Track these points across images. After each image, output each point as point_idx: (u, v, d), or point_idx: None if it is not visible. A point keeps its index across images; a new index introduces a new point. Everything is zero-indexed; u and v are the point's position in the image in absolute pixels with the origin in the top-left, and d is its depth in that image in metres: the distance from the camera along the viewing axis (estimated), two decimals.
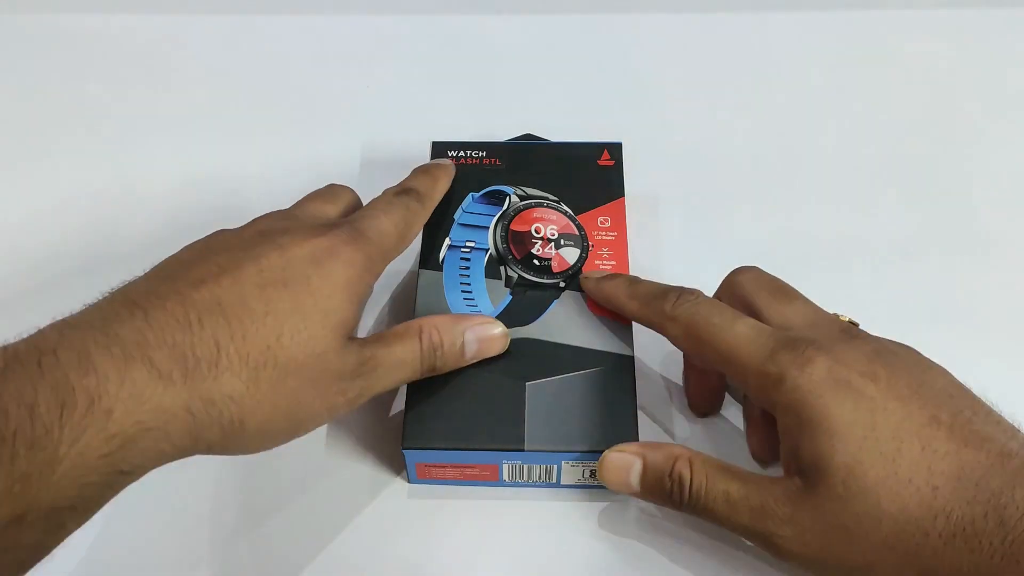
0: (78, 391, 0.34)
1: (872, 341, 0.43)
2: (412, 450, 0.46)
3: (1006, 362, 0.52)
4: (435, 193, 0.53)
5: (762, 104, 0.68)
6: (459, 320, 0.47)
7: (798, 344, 0.42)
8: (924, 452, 0.38)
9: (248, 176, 0.63)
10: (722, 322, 0.44)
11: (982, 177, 0.63)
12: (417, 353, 0.45)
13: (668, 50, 0.71)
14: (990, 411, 0.41)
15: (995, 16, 0.72)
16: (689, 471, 0.43)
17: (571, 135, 0.59)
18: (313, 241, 0.43)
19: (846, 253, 0.59)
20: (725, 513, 0.42)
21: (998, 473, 0.38)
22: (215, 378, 0.38)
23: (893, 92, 0.68)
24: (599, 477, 0.45)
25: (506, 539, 0.48)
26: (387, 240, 0.47)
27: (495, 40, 0.72)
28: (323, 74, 0.70)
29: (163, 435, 0.36)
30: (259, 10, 0.73)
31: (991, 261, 0.59)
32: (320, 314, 0.41)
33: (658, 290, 0.48)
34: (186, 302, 0.39)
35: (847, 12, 0.72)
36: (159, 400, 0.36)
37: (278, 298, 0.40)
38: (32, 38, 0.71)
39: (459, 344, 0.47)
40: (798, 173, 0.63)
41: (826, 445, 0.39)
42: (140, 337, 0.37)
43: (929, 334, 0.48)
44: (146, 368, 0.36)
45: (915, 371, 0.41)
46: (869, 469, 0.39)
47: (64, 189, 0.63)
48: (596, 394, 0.47)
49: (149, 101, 0.68)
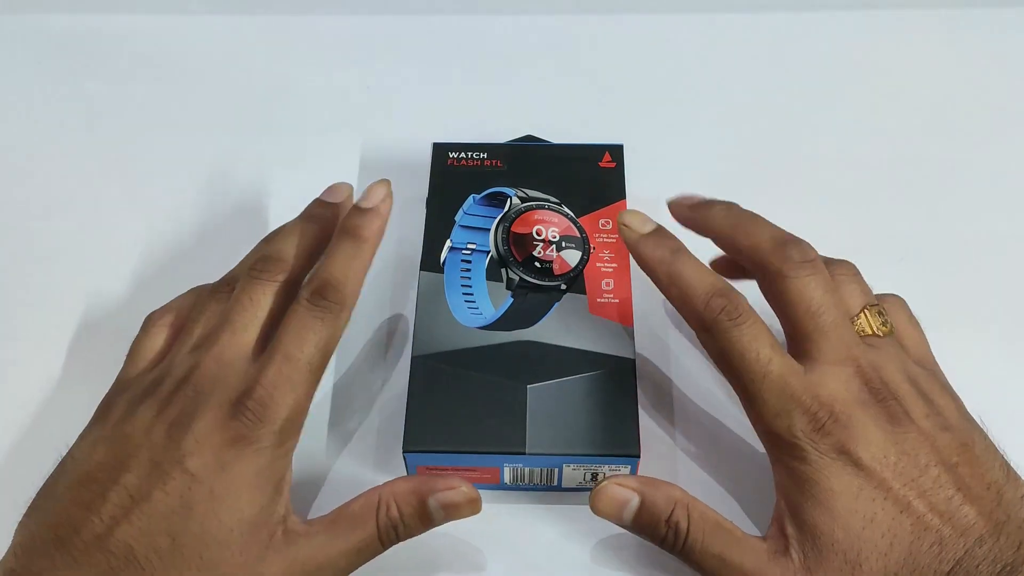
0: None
1: (892, 405, 0.42)
2: (413, 453, 0.46)
3: (1006, 362, 0.52)
4: (355, 277, 0.45)
5: (763, 105, 0.67)
6: (421, 488, 0.42)
7: (819, 414, 0.41)
8: (912, 547, 0.39)
9: (247, 176, 0.62)
10: (755, 364, 0.42)
11: (982, 177, 0.62)
12: (373, 536, 0.42)
13: (669, 51, 0.70)
14: (984, 475, 0.41)
15: (995, 16, 0.71)
16: (687, 522, 0.42)
17: (572, 137, 0.59)
18: (215, 444, 0.40)
19: (847, 253, 0.58)
20: (716, 572, 0.42)
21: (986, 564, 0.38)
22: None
23: (893, 92, 0.67)
24: (591, 504, 0.43)
25: (507, 541, 0.47)
26: (300, 396, 0.42)
27: (496, 40, 0.71)
28: (323, 74, 0.69)
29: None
30: (259, 10, 0.72)
31: (991, 261, 0.58)
32: (225, 532, 0.39)
33: (702, 289, 0.44)
34: (106, 551, 0.38)
35: (847, 12, 0.72)
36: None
37: (182, 529, 0.39)
38: (32, 38, 0.71)
39: (423, 514, 0.43)
40: (799, 174, 0.62)
41: (827, 527, 0.40)
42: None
43: (928, 334, 0.48)
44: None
45: (925, 451, 0.41)
46: (864, 562, 0.39)
47: (64, 189, 0.62)
48: (597, 397, 0.47)
49: (149, 101, 0.67)
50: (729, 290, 0.44)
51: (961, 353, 0.46)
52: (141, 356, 0.47)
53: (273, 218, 0.60)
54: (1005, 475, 0.41)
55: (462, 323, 0.50)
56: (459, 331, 0.49)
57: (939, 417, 0.42)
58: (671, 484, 0.43)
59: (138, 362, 0.47)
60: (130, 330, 0.53)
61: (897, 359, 0.44)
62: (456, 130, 0.59)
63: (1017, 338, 0.54)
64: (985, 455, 0.42)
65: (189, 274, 0.56)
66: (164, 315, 0.48)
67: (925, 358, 0.46)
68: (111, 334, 0.54)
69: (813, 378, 0.42)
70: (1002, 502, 0.40)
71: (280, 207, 0.60)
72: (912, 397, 0.42)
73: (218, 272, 0.56)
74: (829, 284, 0.44)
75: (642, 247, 0.46)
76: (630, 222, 0.47)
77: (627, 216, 0.47)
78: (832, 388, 0.42)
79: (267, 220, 0.60)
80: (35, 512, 0.41)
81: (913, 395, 0.43)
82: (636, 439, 0.46)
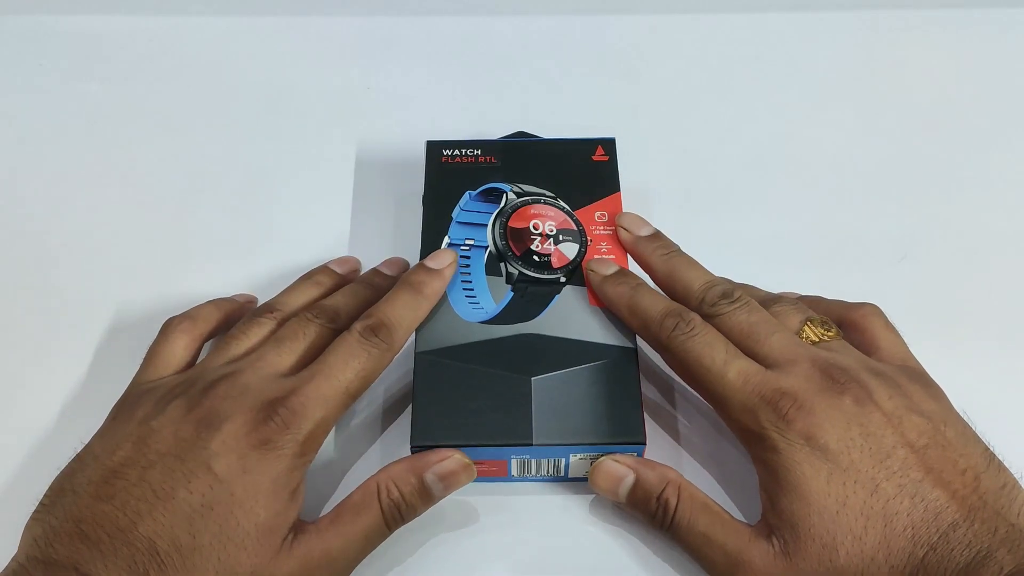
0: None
1: (853, 387, 0.42)
2: (421, 448, 0.45)
3: (1007, 362, 0.52)
4: (408, 325, 0.47)
5: (757, 101, 0.67)
6: (416, 465, 0.44)
7: (781, 403, 0.42)
8: (886, 529, 0.39)
9: (247, 176, 0.62)
10: (712, 366, 0.44)
11: (982, 177, 0.62)
12: (378, 520, 0.43)
13: (661, 50, 0.70)
14: (957, 460, 0.41)
15: (995, 16, 0.71)
16: (676, 499, 0.43)
17: (564, 133, 0.58)
18: (241, 447, 0.41)
19: (847, 253, 0.58)
20: (700, 549, 0.43)
21: (960, 547, 0.38)
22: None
23: (892, 92, 0.67)
24: (590, 479, 0.45)
25: (514, 532, 0.47)
26: (329, 414, 0.43)
27: (488, 40, 0.70)
28: (319, 75, 0.68)
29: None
30: (258, 10, 0.71)
31: (991, 261, 0.58)
32: (242, 534, 0.40)
33: (656, 313, 0.46)
34: (130, 544, 0.38)
35: (847, 12, 0.71)
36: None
37: (203, 528, 0.39)
38: (32, 38, 0.70)
39: (422, 490, 0.44)
40: (793, 169, 0.62)
41: (802, 512, 0.40)
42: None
43: (928, 335, 0.48)
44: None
45: (890, 432, 0.41)
46: (840, 546, 0.39)
47: (64, 190, 0.61)
48: (601, 387, 0.47)
49: (149, 101, 0.66)
50: (681, 310, 0.46)
51: (961, 352, 0.46)
52: (161, 360, 0.47)
53: (273, 218, 0.60)
54: (986, 463, 0.41)
55: (464, 318, 0.49)
56: (461, 326, 0.49)
57: (906, 399, 0.42)
58: (667, 466, 0.45)
59: (157, 365, 0.47)
60: (129, 330, 0.53)
61: (853, 354, 0.45)
62: (449, 129, 0.59)
63: (1017, 337, 0.54)
64: (960, 440, 0.42)
65: (189, 274, 0.56)
66: (183, 321, 0.49)
67: (904, 359, 0.46)
68: (111, 334, 0.54)
69: (772, 374, 0.43)
70: (978, 488, 0.40)
71: (279, 206, 0.60)
72: (875, 381, 0.43)
73: (217, 271, 0.56)
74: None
75: (606, 287, 0.49)
76: (596, 268, 0.50)
77: (594, 263, 0.50)
78: (791, 380, 0.43)
79: (266, 219, 0.60)
80: (52, 507, 0.40)
81: (876, 380, 0.43)
82: (641, 426, 0.45)
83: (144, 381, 0.46)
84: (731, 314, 0.46)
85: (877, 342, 0.47)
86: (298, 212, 0.60)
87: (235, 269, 0.56)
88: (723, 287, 0.47)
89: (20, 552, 0.40)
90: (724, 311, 0.46)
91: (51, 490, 0.42)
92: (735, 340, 0.45)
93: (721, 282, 0.48)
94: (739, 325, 0.45)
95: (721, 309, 0.46)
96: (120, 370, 0.47)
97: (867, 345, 0.47)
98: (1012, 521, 0.39)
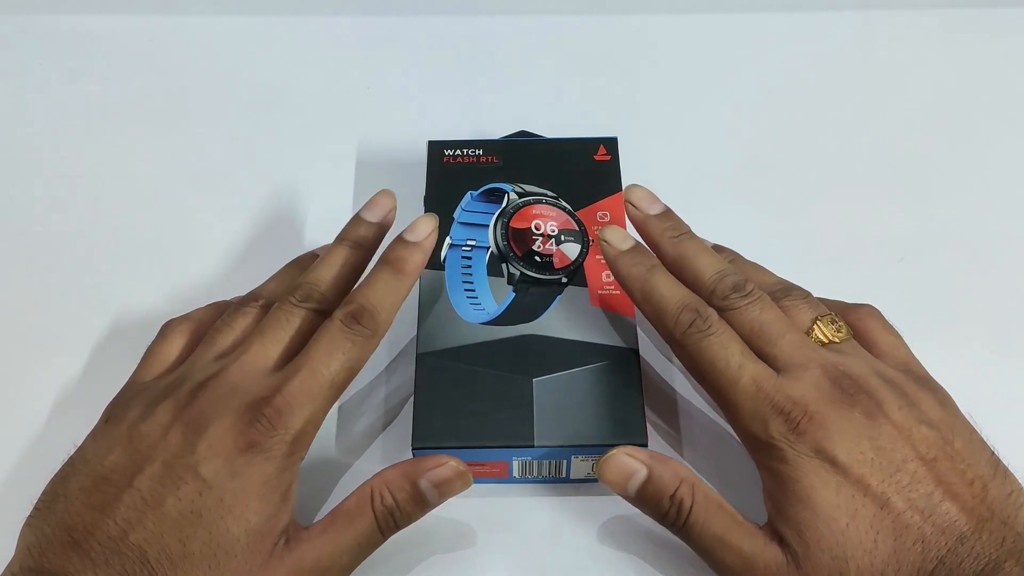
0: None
1: (864, 399, 0.41)
2: (422, 450, 0.44)
3: (1007, 361, 0.51)
4: (391, 308, 0.45)
5: (759, 102, 0.65)
6: (411, 471, 0.42)
7: (792, 414, 0.40)
8: (896, 543, 0.38)
9: (247, 176, 0.61)
10: (726, 369, 0.42)
11: (982, 177, 0.61)
12: (372, 527, 0.41)
13: (663, 50, 0.69)
14: (965, 471, 0.40)
15: (995, 16, 0.70)
16: (691, 500, 0.41)
17: (565, 132, 0.57)
18: (229, 451, 0.39)
19: (847, 253, 0.57)
20: (713, 550, 0.41)
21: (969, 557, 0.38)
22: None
23: (891, 92, 0.66)
24: (597, 470, 0.43)
25: (516, 533, 0.46)
26: (316, 410, 0.42)
27: (488, 40, 0.69)
28: (319, 75, 0.67)
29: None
30: (258, 10, 0.70)
31: (991, 262, 0.57)
32: (231, 540, 0.39)
33: (672, 305, 0.44)
34: (120, 553, 0.38)
35: (846, 12, 0.70)
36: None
37: (192, 536, 0.38)
38: (32, 38, 0.69)
39: (417, 496, 0.42)
40: (794, 170, 0.61)
41: (811, 523, 0.39)
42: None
43: (927, 335, 0.47)
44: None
45: (901, 445, 0.40)
46: (851, 559, 0.38)
47: (64, 190, 0.60)
48: (603, 388, 0.46)
49: (149, 101, 0.65)
50: (699, 304, 0.44)
51: (961, 352, 0.46)
52: (157, 361, 0.46)
53: (272, 217, 0.59)
54: (993, 470, 0.40)
55: (465, 319, 0.48)
56: (463, 327, 0.48)
57: (915, 410, 0.41)
58: (679, 463, 0.43)
59: (153, 366, 0.46)
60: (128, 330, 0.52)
61: (863, 358, 0.44)
62: (450, 128, 0.59)
63: (1016, 338, 0.53)
64: (968, 449, 0.41)
65: (188, 273, 0.56)
66: (182, 323, 0.48)
67: (906, 361, 0.45)
68: (110, 334, 0.54)
69: (784, 381, 0.42)
70: (986, 498, 0.39)
71: (280, 207, 0.59)
72: (884, 391, 0.42)
73: (216, 271, 0.56)
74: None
75: (620, 264, 0.46)
76: (610, 238, 0.46)
77: (607, 232, 0.47)
78: (802, 389, 0.41)
79: (266, 219, 0.59)
80: (46, 513, 0.40)
81: (885, 389, 0.42)
82: (643, 427, 0.45)
83: (138, 382, 0.45)
84: (743, 310, 0.44)
85: (876, 344, 0.46)
86: (298, 212, 0.59)
87: (235, 269, 0.56)
88: (734, 279, 0.45)
89: (14, 561, 0.39)
90: (736, 305, 0.44)
91: (45, 494, 0.41)
92: (745, 337, 0.44)
93: (732, 272, 0.46)
94: (750, 323, 0.44)
95: (733, 303, 0.44)
96: (119, 371, 0.46)
97: (866, 347, 0.46)
98: (1019, 530, 0.38)
